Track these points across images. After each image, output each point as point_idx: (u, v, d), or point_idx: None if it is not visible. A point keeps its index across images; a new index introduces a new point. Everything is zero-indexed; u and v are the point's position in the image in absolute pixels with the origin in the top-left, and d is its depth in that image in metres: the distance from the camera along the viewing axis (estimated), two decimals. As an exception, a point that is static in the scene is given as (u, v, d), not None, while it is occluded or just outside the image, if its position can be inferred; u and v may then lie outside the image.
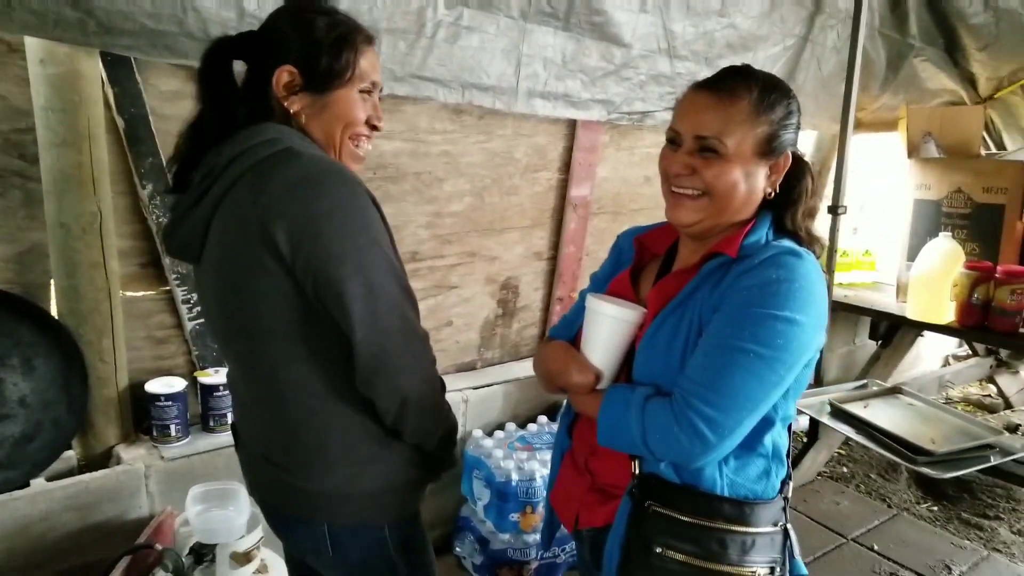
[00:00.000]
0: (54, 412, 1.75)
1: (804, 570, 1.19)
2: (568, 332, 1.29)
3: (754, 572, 1.08)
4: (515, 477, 2.25)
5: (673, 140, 1.12)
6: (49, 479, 1.76)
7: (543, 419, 2.61)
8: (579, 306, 1.29)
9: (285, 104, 1.11)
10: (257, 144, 1.06)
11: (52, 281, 1.74)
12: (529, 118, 2.37)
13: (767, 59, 2.69)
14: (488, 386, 2.57)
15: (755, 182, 1.10)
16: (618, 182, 2.79)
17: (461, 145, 2.30)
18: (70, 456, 1.85)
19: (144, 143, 1.73)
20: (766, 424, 1.09)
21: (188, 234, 1.13)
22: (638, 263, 1.27)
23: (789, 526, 1.15)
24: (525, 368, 2.72)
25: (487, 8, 1.99)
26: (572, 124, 2.52)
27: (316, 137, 1.14)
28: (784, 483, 1.15)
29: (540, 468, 2.28)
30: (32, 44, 1.52)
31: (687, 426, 1.01)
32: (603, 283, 1.31)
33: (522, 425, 2.58)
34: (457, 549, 2.46)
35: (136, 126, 1.71)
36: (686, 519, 1.07)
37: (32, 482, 1.73)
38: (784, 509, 1.14)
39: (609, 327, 1.13)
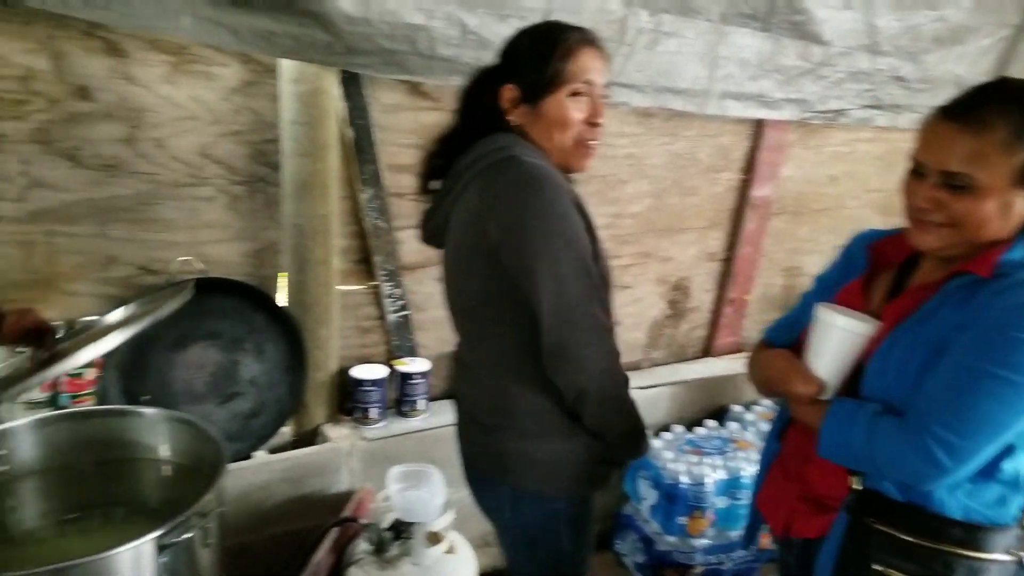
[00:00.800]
0: (277, 392, 2.12)
1: None
2: (787, 336, 1.38)
3: None
4: (684, 480, 2.44)
5: (917, 170, 1.14)
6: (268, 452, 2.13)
7: (711, 423, 2.78)
8: (799, 310, 1.41)
9: (508, 118, 1.37)
10: (489, 151, 1.32)
11: (281, 275, 2.10)
12: (715, 119, 2.53)
13: (978, 51, 2.72)
14: (654, 387, 2.76)
15: (1012, 211, 1.09)
16: (802, 182, 2.91)
17: (646, 148, 2.51)
18: (283, 432, 2.22)
19: (367, 152, 2.05)
20: (1006, 450, 1.10)
21: (436, 225, 1.46)
22: (872, 272, 1.31)
23: None
24: (693, 370, 2.92)
25: (687, 13, 2.17)
26: (758, 123, 2.66)
27: (541, 144, 1.36)
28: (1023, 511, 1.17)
29: (711, 472, 2.46)
30: (286, 65, 1.85)
31: (922, 449, 1.05)
32: (830, 287, 1.36)
33: (688, 428, 2.77)
34: (617, 545, 2.69)
35: (362, 137, 2.03)
36: (910, 539, 1.12)
37: (255, 454, 2.11)
38: (1021, 538, 1.15)
39: (839, 339, 1.18)
